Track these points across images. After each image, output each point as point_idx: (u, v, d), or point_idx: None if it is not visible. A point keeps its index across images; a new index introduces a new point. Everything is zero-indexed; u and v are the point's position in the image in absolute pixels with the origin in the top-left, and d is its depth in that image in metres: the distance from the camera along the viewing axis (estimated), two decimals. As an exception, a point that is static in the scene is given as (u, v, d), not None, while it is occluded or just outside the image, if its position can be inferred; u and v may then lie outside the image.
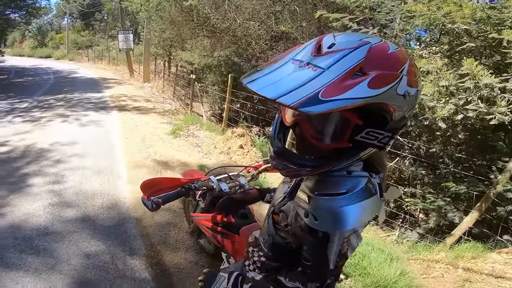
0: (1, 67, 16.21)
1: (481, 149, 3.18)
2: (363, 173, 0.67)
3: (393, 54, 0.57)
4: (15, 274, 2.08)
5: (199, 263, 2.31)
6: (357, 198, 0.62)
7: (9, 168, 3.82)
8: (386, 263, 2.22)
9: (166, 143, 4.94)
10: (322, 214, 0.64)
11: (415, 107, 0.65)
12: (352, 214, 0.62)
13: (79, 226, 2.68)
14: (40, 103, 7.82)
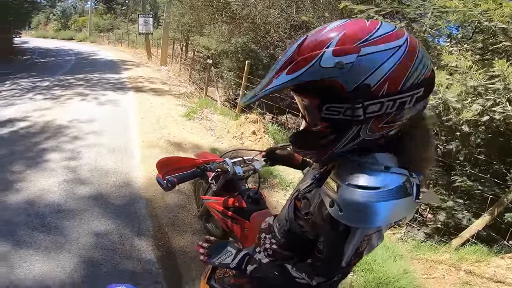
0: (25, 48, 16.47)
1: (501, 151, 3.03)
2: (402, 171, 0.60)
3: (324, 33, 0.57)
4: (24, 252, 2.06)
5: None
6: (391, 195, 0.56)
7: (28, 143, 3.85)
8: (390, 260, 2.18)
9: (180, 125, 4.87)
10: (349, 206, 0.58)
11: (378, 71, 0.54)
12: (382, 211, 0.57)
13: (91, 204, 2.64)
14: (61, 82, 7.89)
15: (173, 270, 2.03)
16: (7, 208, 2.50)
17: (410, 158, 0.63)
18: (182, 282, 1.94)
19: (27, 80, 7.96)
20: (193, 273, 2.00)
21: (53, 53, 15.49)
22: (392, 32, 0.55)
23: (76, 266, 1.96)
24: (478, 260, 2.33)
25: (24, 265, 1.93)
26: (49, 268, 1.93)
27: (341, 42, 0.54)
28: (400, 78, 0.54)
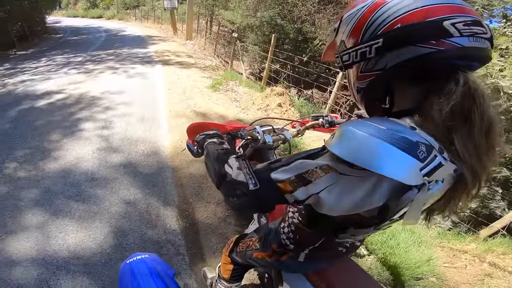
0: (58, 27, 16.85)
1: None
2: (430, 139, 0.47)
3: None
4: (60, 221, 2.07)
5: (227, 220, 2.14)
6: (386, 135, 0.45)
7: (65, 113, 3.92)
8: (414, 246, 2.01)
9: (206, 96, 4.74)
10: (340, 132, 0.49)
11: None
12: (356, 140, 0.46)
13: (121, 172, 2.64)
14: (93, 57, 7.98)
15: (195, 242, 1.97)
16: (46, 176, 2.55)
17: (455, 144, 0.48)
18: (203, 254, 1.88)
19: (61, 56, 8.14)
20: (214, 246, 1.93)
21: (84, 31, 15.70)
22: None
23: (106, 236, 1.96)
24: (505, 252, 2.14)
25: (59, 236, 1.95)
26: (82, 238, 1.94)
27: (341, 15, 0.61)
28: (359, 31, 0.56)
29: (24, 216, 2.10)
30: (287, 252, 0.88)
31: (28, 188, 2.38)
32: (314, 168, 0.52)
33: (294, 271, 0.95)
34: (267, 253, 0.95)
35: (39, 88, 4.97)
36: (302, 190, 0.54)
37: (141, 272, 0.84)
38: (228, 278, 1.26)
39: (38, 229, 1.99)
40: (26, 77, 5.72)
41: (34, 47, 10.08)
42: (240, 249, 1.11)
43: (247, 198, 0.60)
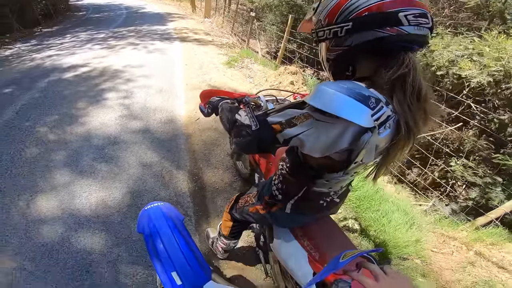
0: (80, 5, 16.89)
1: None
2: (379, 96, 0.61)
3: None
4: (85, 181, 2.22)
5: (233, 185, 2.25)
6: (347, 91, 0.59)
7: (90, 84, 4.09)
8: (405, 227, 2.04)
9: (221, 71, 4.76)
10: (314, 88, 0.64)
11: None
12: (329, 94, 0.59)
13: (140, 138, 2.78)
14: (115, 34, 8.07)
15: (202, 205, 2.09)
16: (73, 140, 2.73)
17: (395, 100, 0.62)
18: (208, 216, 2.00)
19: (84, 33, 8.28)
20: (218, 209, 2.04)
21: (106, 9, 15.72)
22: None
23: (123, 196, 2.10)
24: (493, 243, 2.13)
25: (83, 195, 2.08)
26: (102, 198, 2.08)
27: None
28: (334, 14, 0.66)
29: (53, 176, 2.26)
30: (277, 203, 0.99)
31: (57, 150, 2.56)
32: (298, 115, 0.67)
33: (283, 223, 1.06)
34: (261, 206, 1.06)
35: (65, 62, 5.16)
36: (289, 130, 0.68)
37: (157, 216, 0.98)
38: (227, 235, 1.38)
39: (64, 188, 2.15)
40: (53, 52, 5.91)
41: (58, 25, 10.29)
42: (239, 205, 1.22)
43: (251, 137, 0.76)
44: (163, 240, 0.93)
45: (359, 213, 2.10)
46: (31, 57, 5.62)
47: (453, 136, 4.15)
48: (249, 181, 2.13)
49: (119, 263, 1.66)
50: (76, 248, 1.73)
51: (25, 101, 3.54)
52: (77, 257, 1.67)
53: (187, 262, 0.89)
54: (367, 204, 2.15)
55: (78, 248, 1.72)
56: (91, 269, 1.62)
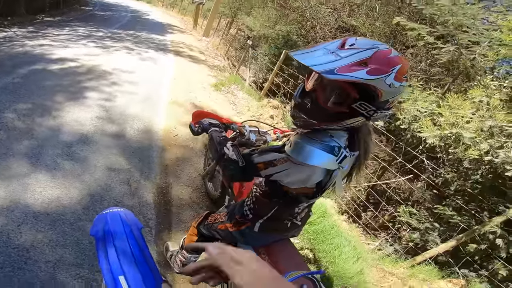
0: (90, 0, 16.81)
1: (493, 191, 2.92)
2: (340, 142, 0.81)
3: (391, 58, 0.74)
4: (43, 176, 2.09)
5: (200, 205, 2.26)
6: (318, 145, 0.79)
7: (73, 79, 4.00)
8: (353, 260, 2.25)
9: (207, 92, 4.87)
10: (293, 142, 0.82)
11: (398, 98, 0.81)
12: (304, 149, 0.79)
13: (113, 142, 2.73)
14: (113, 35, 8.04)
15: (165, 218, 2.07)
16: (41, 132, 2.61)
17: (356, 140, 0.86)
18: (170, 231, 1.99)
19: (84, 28, 8.17)
20: (182, 225, 2.04)
21: (113, 8, 15.72)
22: None
23: (82, 198, 2.00)
24: (425, 279, 2.35)
25: (37, 190, 1.95)
26: (58, 196, 1.96)
27: (400, 71, 0.73)
28: (394, 102, 0.80)
29: (9, 165, 2.11)
30: (246, 222, 1.09)
31: (20, 140, 2.43)
32: (279, 158, 0.85)
33: (249, 241, 1.14)
34: (230, 224, 1.15)
35: (55, 53, 5.02)
36: (270, 169, 0.87)
37: (114, 221, 0.98)
38: (190, 249, 1.41)
39: (18, 179, 1.99)
40: (46, 42, 5.74)
41: (61, 16, 10.09)
42: (208, 222, 1.30)
43: (236, 170, 0.92)
44: (116, 244, 0.92)
45: (314, 244, 2.25)
46: (22, 43, 5.42)
47: (405, 186, 4.48)
48: (217, 203, 2.15)
49: (61, 264, 1.57)
50: (13, 243, 1.61)
51: (0, 84, 3.39)
52: (12, 253, 1.56)
53: (138, 268, 0.88)
54: (322, 237, 2.32)
55: (16, 244, 1.61)
56: (25, 267, 1.51)
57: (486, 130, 2.33)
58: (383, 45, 0.76)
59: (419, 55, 5.48)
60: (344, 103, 0.77)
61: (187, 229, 1.99)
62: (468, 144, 2.38)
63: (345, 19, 6.69)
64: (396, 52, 0.77)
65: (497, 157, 2.26)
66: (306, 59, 0.74)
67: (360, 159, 0.89)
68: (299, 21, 7.65)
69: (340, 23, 7.01)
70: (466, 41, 3.38)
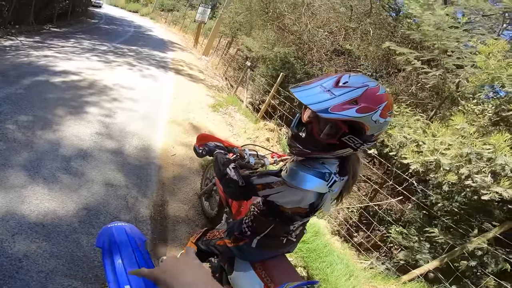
0: (96, 12, 17.38)
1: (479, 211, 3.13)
2: (330, 168, 0.92)
3: (378, 95, 0.83)
4: (40, 188, 2.15)
5: (195, 222, 2.35)
6: (311, 171, 0.90)
7: (75, 93, 4.12)
8: (345, 277, 2.34)
9: (205, 113, 5.04)
10: (289, 168, 0.94)
11: (383, 132, 0.93)
12: (298, 175, 0.91)
13: (112, 158, 2.83)
14: (116, 50, 8.29)
15: (161, 234, 2.15)
16: (40, 145, 2.69)
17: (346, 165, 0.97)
18: (166, 246, 2.06)
19: (88, 41, 8.42)
20: (178, 241, 2.11)
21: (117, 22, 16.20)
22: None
23: (78, 212, 2.06)
24: None
25: (33, 202, 2.01)
26: (54, 208, 2.01)
27: (385, 108, 0.84)
28: (379, 135, 0.92)
29: (7, 176, 2.17)
30: (245, 238, 1.18)
31: (20, 151, 2.50)
32: (276, 181, 0.97)
33: (246, 257, 1.23)
34: (229, 240, 1.24)
35: (59, 65, 5.18)
36: (268, 190, 0.99)
37: (120, 236, 1.07)
38: None
39: (15, 190, 2.05)
40: (50, 53, 5.93)
41: (68, 27, 10.39)
42: (206, 238, 1.40)
43: (236, 189, 1.05)
44: (122, 256, 1.00)
45: (308, 262, 2.34)
46: (27, 53, 5.58)
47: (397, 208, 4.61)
48: (213, 221, 2.21)
49: (54, 274, 1.61)
50: (6, 252, 1.65)
51: (3, 94, 3.48)
52: (4, 262, 1.59)
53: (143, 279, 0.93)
54: (315, 255, 2.41)
55: (9, 253, 1.65)
56: (17, 276, 1.54)
57: (465, 156, 2.50)
58: (373, 82, 0.85)
59: (410, 79, 5.67)
60: (335, 136, 0.87)
61: (183, 245, 2.07)
62: (447, 169, 2.56)
63: (341, 42, 7.02)
64: (384, 89, 0.86)
65: (475, 182, 2.42)
66: (304, 97, 0.83)
67: (348, 183, 1.00)
68: (297, 43, 7.95)
69: (336, 46, 7.32)
70: (451, 65, 3.64)
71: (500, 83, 2.91)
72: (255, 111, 6.93)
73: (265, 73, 8.31)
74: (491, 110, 3.08)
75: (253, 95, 9.17)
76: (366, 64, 6.60)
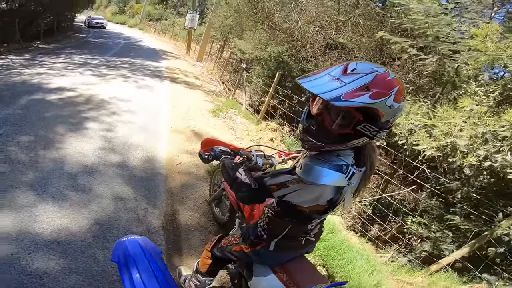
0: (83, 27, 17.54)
1: (499, 194, 3.08)
2: (346, 160, 0.90)
3: (389, 80, 0.84)
4: (50, 207, 2.22)
5: (208, 229, 2.38)
6: (327, 165, 0.88)
7: (73, 110, 4.20)
8: (368, 273, 2.31)
9: (206, 119, 5.10)
10: (303, 164, 0.91)
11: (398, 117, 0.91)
12: (314, 169, 0.88)
13: (118, 172, 2.88)
14: (108, 62, 8.40)
15: (175, 243, 2.19)
16: (45, 164, 2.76)
17: (361, 155, 0.96)
18: (181, 255, 2.10)
19: (79, 56, 8.56)
20: (193, 249, 2.15)
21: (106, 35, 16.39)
22: None
23: (91, 227, 2.12)
24: (447, 286, 2.41)
25: (45, 220, 2.08)
26: (67, 225, 2.08)
27: (398, 93, 0.83)
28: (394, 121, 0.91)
29: (15, 196, 2.24)
30: (261, 242, 1.17)
31: (25, 172, 2.57)
32: (291, 179, 0.94)
33: (265, 261, 1.22)
34: (245, 245, 1.23)
35: (53, 83, 5.28)
36: (283, 190, 0.96)
37: (134, 248, 1.10)
38: (204, 272, 1.49)
39: (26, 211, 2.12)
40: (43, 70, 6.04)
41: (56, 43, 10.56)
42: (222, 244, 1.39)
43: (249, 193, 1.03)
44: (139, 270, 1.03)
45: (326, 260, 2.34)
46: (19, 72, 5.69)
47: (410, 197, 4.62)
48: (225, 227, 2.25)
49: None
50: (26, 270, 1.70)
51: (2, 116, 3.54)
52: (25, 280, 1.64)
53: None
54: (333, 253, 2.41)
55: (28, 271, 1.70)
56: None
57: (480, 136, 2.49)
58: (381, 68, 0.85)
59: (406, 67, 5.70)
60: (349, 125, 0.86)
61: (198, 253, 2.10)
62: (465, 151, 2.54)
63: (333, 36, 7.08)
64: (393, 74, 0.85)
65: (496, 162, 2.40)
66: (314, 87, 0.83)
67: (366, 174, 0.98)
68: (289, 41, 8.01)
69: (328, 40, 7.36)
70: (446, 51, 3.69)
71: (502, 64, 2.98)
72: (256, 112, 6.99)
73: (261, 74, 8.39)
74: (496, 90, 3.12)
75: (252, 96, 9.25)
76: (360, 56, 6.66)
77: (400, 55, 4.50)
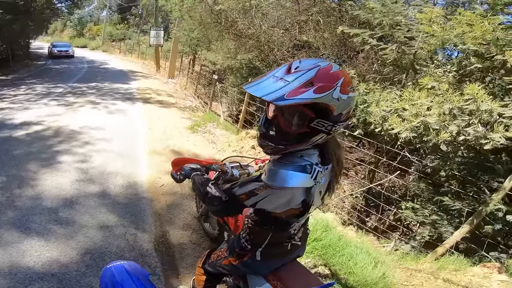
0: (40, 54, 17.17)
1: (481, 169, 3.23)
2: (310, 160, 0.94)
3: (333, 73, 0.88)
4: (37, 242, 2.30)
5: (201, 245, 2.50)
6: (290, 167, 0.91)
7: (43, 145, 4.20)
8: (371, 265, 2.35)
9: (184, 137, 5.20)
10: (267, 170, 0.95)
11: (351, 109, 0.95)
12: (279, 174, 0.91)
13: (100, 202, 2.94)
14: (74, 90, 8.33)
15: (171, 264, 2.28)
16: (23, 202, 2.80)
17: (325, 153, 0.99)
18: (178, 274, 2.19)
19: (41, 85, 8.43)
20: (189, 267, 2.24)
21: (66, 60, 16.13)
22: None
23: (82, 257, 2.20)
24: (456, 269, 2.47)
25: (34, 254, 2.17)
26: (57, 257, 2.16)
27: (344, 84, 0.87)
28: (349, 113, 0.95)
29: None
30: (247, 253, 1.21)
31: (4, 211, 2.63)
32: (259, 187, 0.96)
33: (255, 270, 1.26)
34: (233, 258, 1.28)
35: (17, 117, 5.22)
36: (253, 198, 0.98)
37: (120, 273, 1.15)
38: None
39: (13, 247, 2.21)
40: (5, 105, 5.95)
41: (14, 73, 10.35)
42: (211, 260, 1.46)
43: (221, 205, 1.06)
44: None
45: (326, 259, 2.41)
46: (-22, 109, 5.55)
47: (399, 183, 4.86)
48: (217, 241, 2.33)
49: None
50: None
51: (-32, 159, 3.51)
52: None
53: None
54: (332, 250, 2.47)
55: None
56: None
57: (448, 112, 2.68)
58: (324, 62, 0.89)
59: (370, 58, 6.02)
60: (303, 123, 0.89)
61: (195, 271, 2.19)
62: (437, 128, 2.71)
63: (298, 37, 7.42)
64: (337, 66, 0.89)
65: (469, 135, 2.56)
66: (257, 90, 0.86)
67: (334, 170, 1.02)
68: (257, 47, 8.28)
69: (294, 41, 7.71)
70: (402, 38, 4.03)
71: (452, 43, 3.31)
72: (235, 122, 7.15)
73: (235, 83, 8.59)
74: (453, 68, 3.41)
75: (229, 107, 9.42)
76: (326, 52, 7.02)
77: (363, 47, 4.83)
